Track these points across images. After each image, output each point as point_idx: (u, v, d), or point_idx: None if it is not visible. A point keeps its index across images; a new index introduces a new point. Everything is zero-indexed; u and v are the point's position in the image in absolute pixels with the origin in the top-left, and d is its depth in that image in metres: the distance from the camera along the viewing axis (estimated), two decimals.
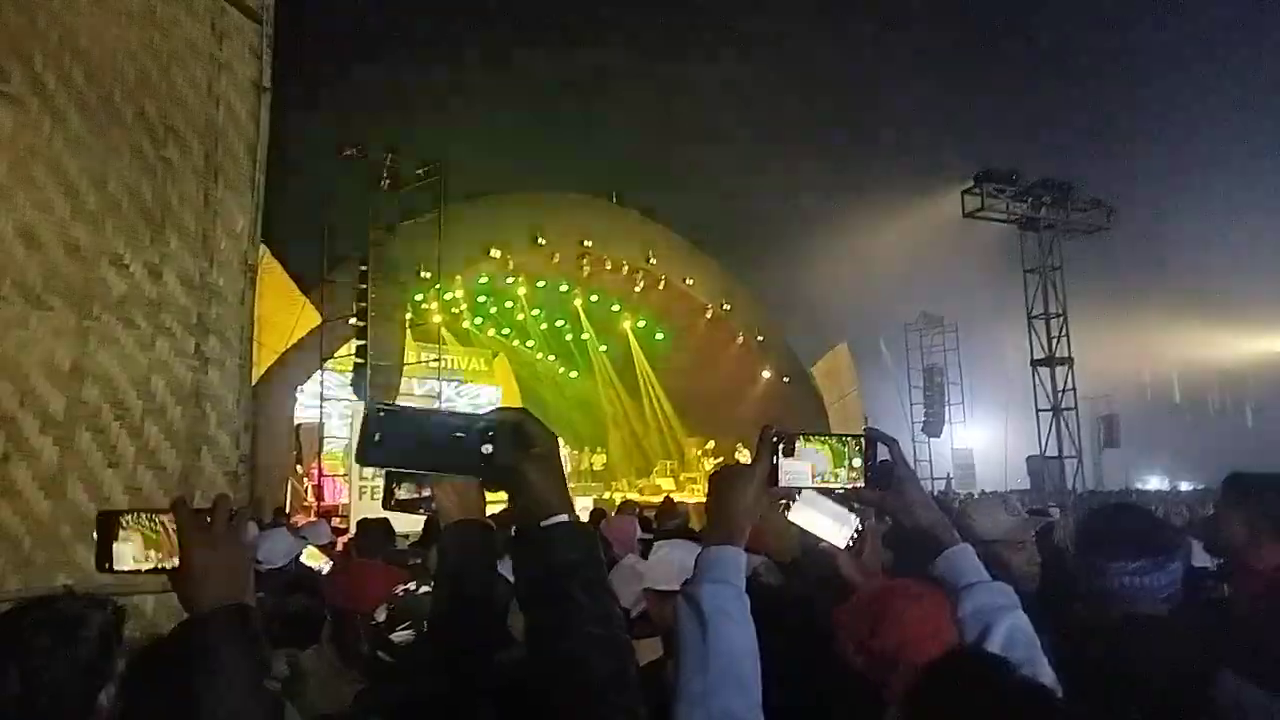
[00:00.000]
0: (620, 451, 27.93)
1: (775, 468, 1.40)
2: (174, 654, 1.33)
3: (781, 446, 1.40)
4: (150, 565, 1.27)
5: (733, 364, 25.55)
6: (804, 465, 1.40)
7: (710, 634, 1.26)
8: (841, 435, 1.43)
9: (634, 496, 20.49)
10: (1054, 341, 22.55)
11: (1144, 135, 33.45)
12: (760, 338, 25.12)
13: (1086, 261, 23.53)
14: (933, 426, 26.96)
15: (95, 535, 1.26)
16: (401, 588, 1.78)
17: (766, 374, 25.61)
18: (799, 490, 1.43)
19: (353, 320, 14.86)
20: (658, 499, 17.22)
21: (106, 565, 1.26)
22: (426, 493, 1.55)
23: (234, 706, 1.17)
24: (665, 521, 7.74)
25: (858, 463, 1.41)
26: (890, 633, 1.57)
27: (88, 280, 2.90)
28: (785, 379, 25.32)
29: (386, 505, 1.56)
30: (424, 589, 1.88)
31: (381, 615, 1.71)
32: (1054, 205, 22.88)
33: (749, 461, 1.42)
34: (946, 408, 27.28)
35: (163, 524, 1.28)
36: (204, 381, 3.11)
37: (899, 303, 27.67)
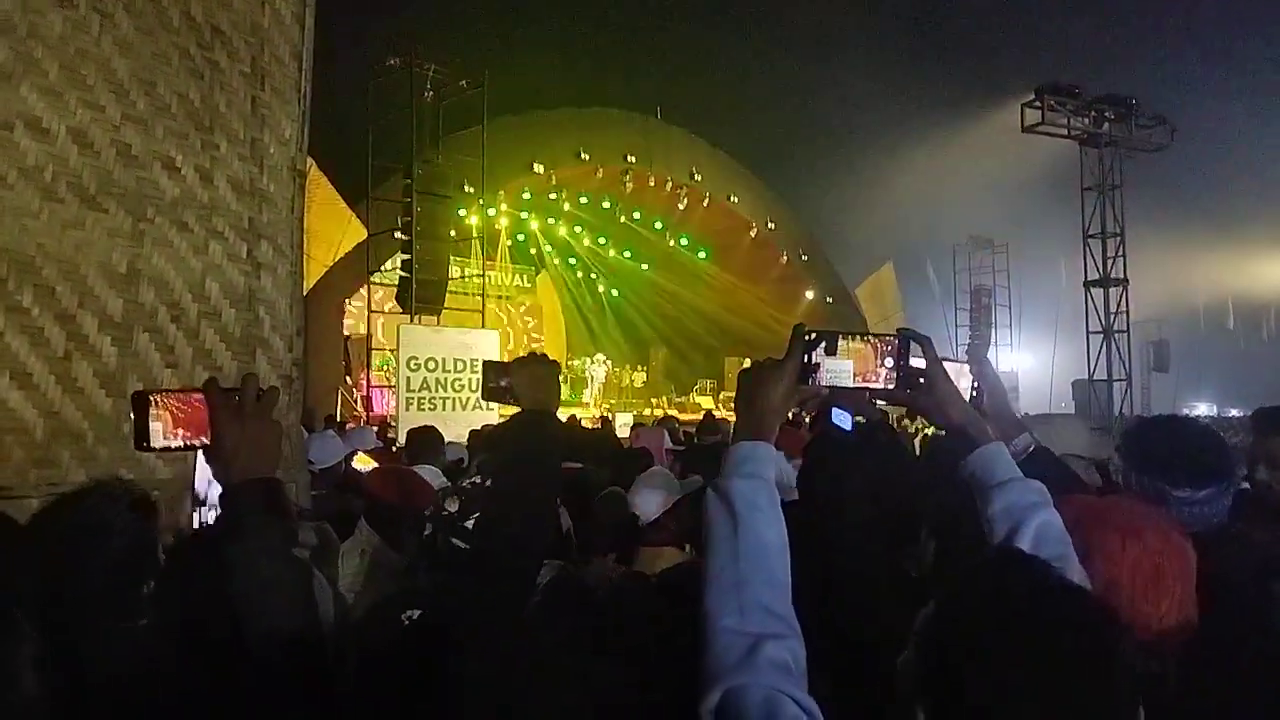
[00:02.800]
0: (661, 369, 28.06)
1: (806, 366, 1.39)
2: (209, 534, 1.38)
3: (824, 345, 1.39)
4: (182, 443, 1.31)
5: (776, 284, 25.31)
6: (845, 364, 1.39)
7: (740, 527, 1.25)
8: (876, 334, 1.42)
9: (673, 414, 20.69)
10: (1109, 262, 21.90)
11: (1209, 52, 31.64)
12: (804, 257, 24.80)
13: (1146, 181, 22.64)
14: (978, 349, 26.57)
15: (132, 414, 1.29)
16: (468, 480, 1.84)
17: (810, 294, 25.35)
18: (828, 389, 1.42)
19: (398, 234, 14.94)
20: (697, 416, 17.38)
21: (144, 444, 1.29)
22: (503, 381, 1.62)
23: (264, 574, 1.21)
24: (704, 437, 7.82)
25: (889, 363, 1.39)
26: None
27: (140, 183, 2.94)
28: (828, 299, 25.06)
29: (485, 395, 1.64)
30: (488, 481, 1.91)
31: (454, 505, 1.77)
32: (1116, 121, 21.95)
33: (778, 359, 1.40)
34: (993, 330, 26.83)
35: (195, 404, 1.32)
36: (257, 286, 3.16)
37: (948, 224, 26.97)
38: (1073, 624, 0.97)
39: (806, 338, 1.40)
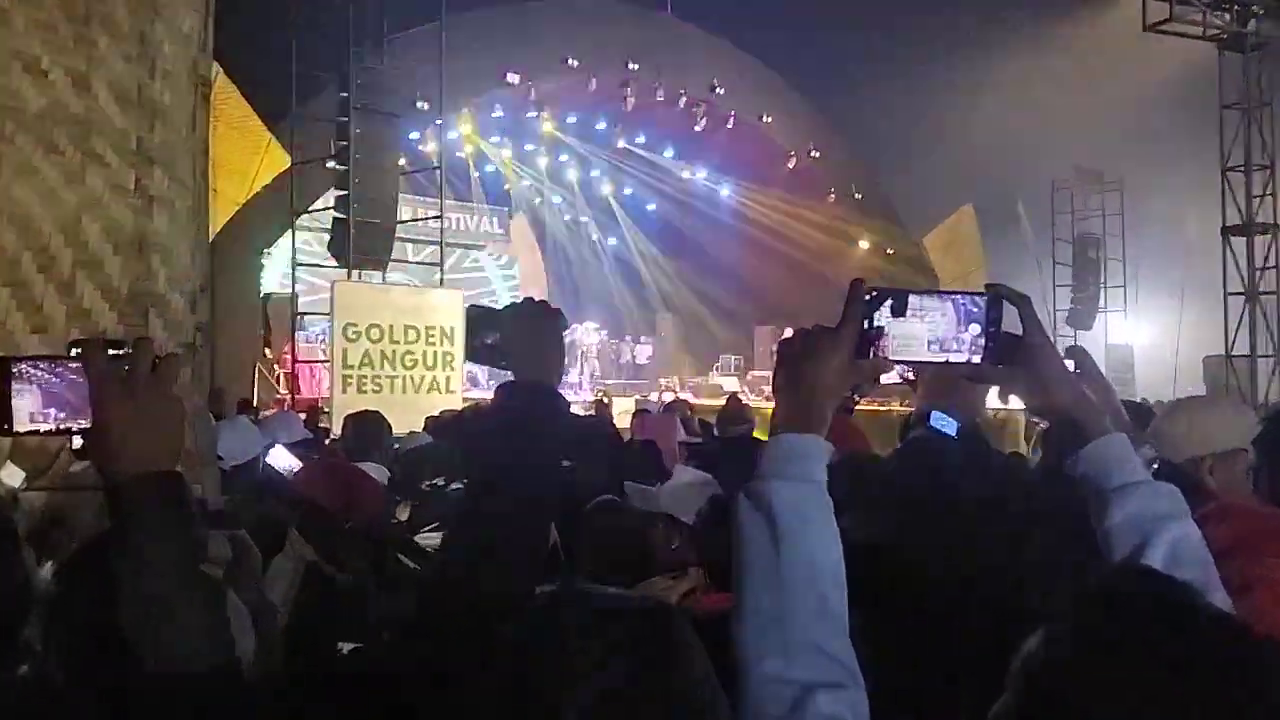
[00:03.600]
0: (672, 341, 28.10)
1: (867, 334, 1.38)
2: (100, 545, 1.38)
3: (890, 304, 1.38)
4: (54, 425, 1.28)
5: (820, 230, 25.30)
6: (917, 329, 1.38)
7: (783, 542, 1.25)
8: (957, 292, 1.41)
9: (687, 397, 20.72)
10: (1254, 203, 21.75)
11: None
12: (858, 195, 24.76)
13: None
14: (1082, 316, 26.53)
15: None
16: (428, 482, 1.84)
17: (864, 244, 25.30)
18: (898, 364, 1.42)
19: (331, 164, 14.88)
20: (718, 401, 17.34)
21: (4, 426, 1.26)
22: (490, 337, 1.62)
23: (162, 593, 1.19)
24: (729, 428, 7.80)
25: (976, 329, 1.39)
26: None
27: None
28: (889, 250, 25.03)
29: (470, 356, 1.63)
30: (456, 486, 1.93)
31: (404, 513, 1.77)
32: (1267, 18, 21.71)
33: (830, 326, 1.39)
34: (1101, 291, 26.77)
35: (71, 374, 1.29)
36: (149, 227, 3.14)
37: (1045, 154, 26.78)
38: (1234, 666, 0.94)
39: (867, 296, 1.39)
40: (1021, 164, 25.76)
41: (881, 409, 17.96)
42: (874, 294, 1.39)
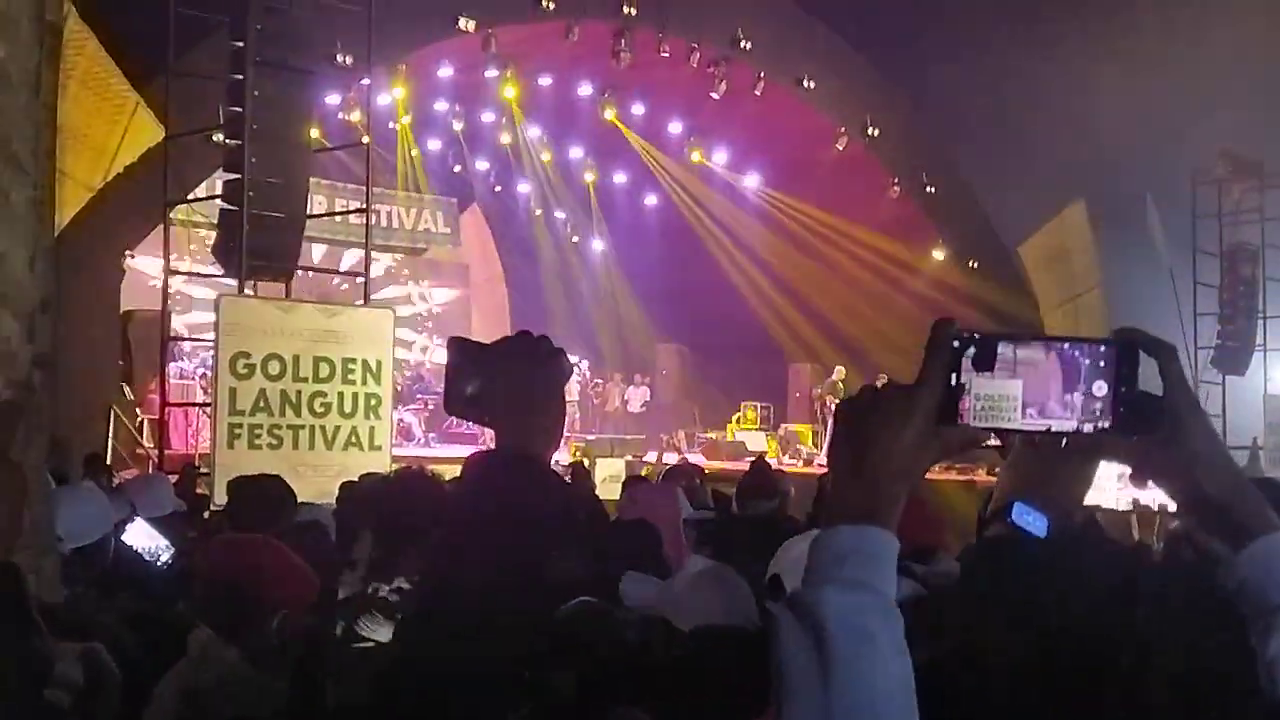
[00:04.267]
0: (676, 381, 28.18)
1: (955, 393, 1.39)
2: None
3: (972, 355, 1.39)
4: None
5: (879, 235, 25.41)
6: (1011, 386, 1.39)
7: (835, 667, 1.27)
8: (1073, 339, 1.42)
9: (696, 459, 20.69)
10: None
11: None
12: (930, 188, 24.84)
13: None
14: (1232, 356, 26.54)
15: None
16: (373, 586, 1.88)
17: (938, 254, 25.37)
18: (994, 434, 1.42)
19: (218, 138, 14.91)
20: (740, 465, 17.35)
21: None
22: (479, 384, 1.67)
23: None
24: (750, 501, 7.80)
25: (1102, 388, 1.40)
26: None
27: None
28: (971, 263, 25.07)
29: (450, 408, 1.67)
30: (401, 584, 1.94)
31: (338, 627, 1.80)
32: None
33: (906, 384, 1.40)
34: (1260, 323, 26.81)
35: None
36: None
37: (1183, 136, 26.90)
38: None
39: (956, 343, 1.40)
40: (1152, 148, 25.84)
41: (961, 477, 18.02)
42: (965, 340, 1.40)
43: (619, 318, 29.40)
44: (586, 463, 16.90)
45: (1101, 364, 1.41)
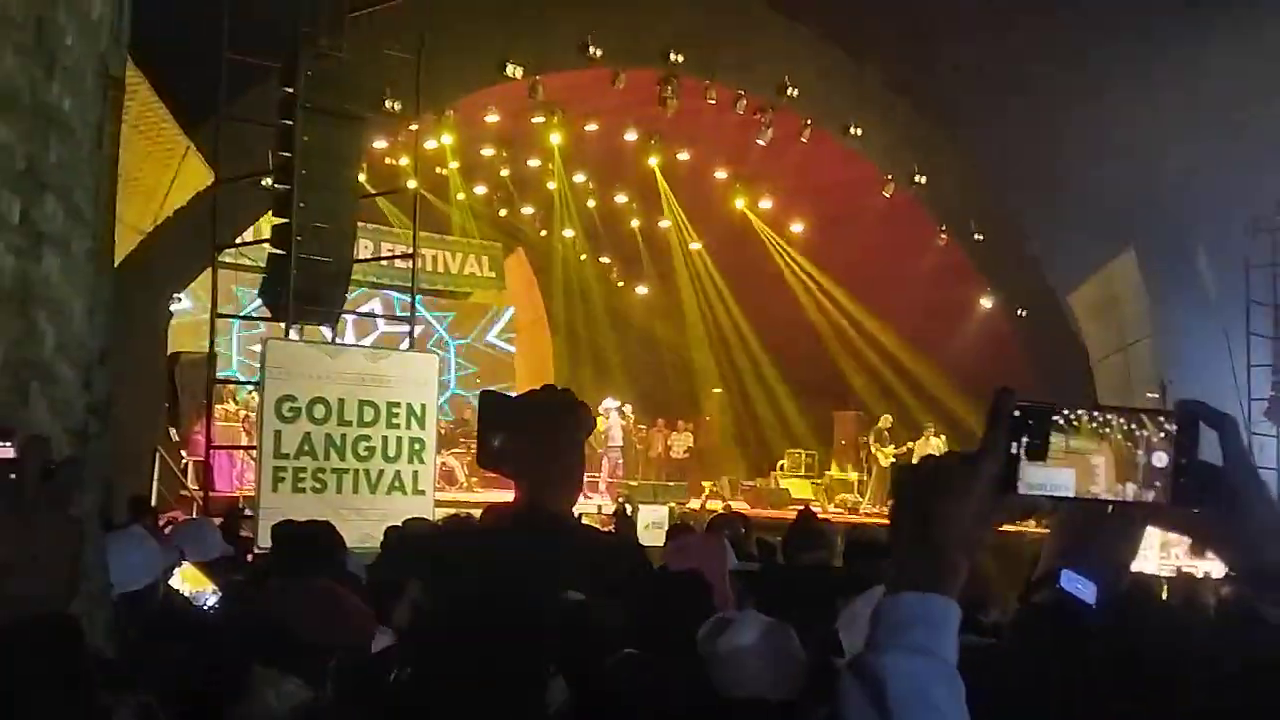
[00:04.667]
0: (720, 429, 28.10)
1: (1015, 461, 1.42)
2: None
3: (1031, 426, 1.43)
4: None
5: (927, 282, 25.28)
6: (1062, 475, 1.43)
7: None
8: (1130, 410, 1.44)
9: (741, 506, 20.63)
10: None
11: None
12: (978, 237, 24.75)
13: None
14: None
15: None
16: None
17: (987, 303, 25.24)
18: (1055, 502, 1.45)
19: (267, 182, 15.04)
20: (781, 515, 17.29)
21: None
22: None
23: None
24: (799, 554, 7.77)
25: (1162, 460, 1.43)
26: None
27: None
28: (1020, 312, 24.92)
29: (483, 462, 1.74)
30: None
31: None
32: None
33: (967, 451, 1.44)
34: None
35: None
36: (35, 274, 3.19)
37: (1237, 184, 26.66)
38: None
39: (1016, 413, 1.44)
40: (1204, 196, 25.64)
41: (1011, 531, 17.85)
42: (1023, 410, 1.44)
43: (665, 363, 29.39)
44: (629, 509, 16.86)
45: (1162, 435, 1.43)
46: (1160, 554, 17.46)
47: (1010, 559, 3.92)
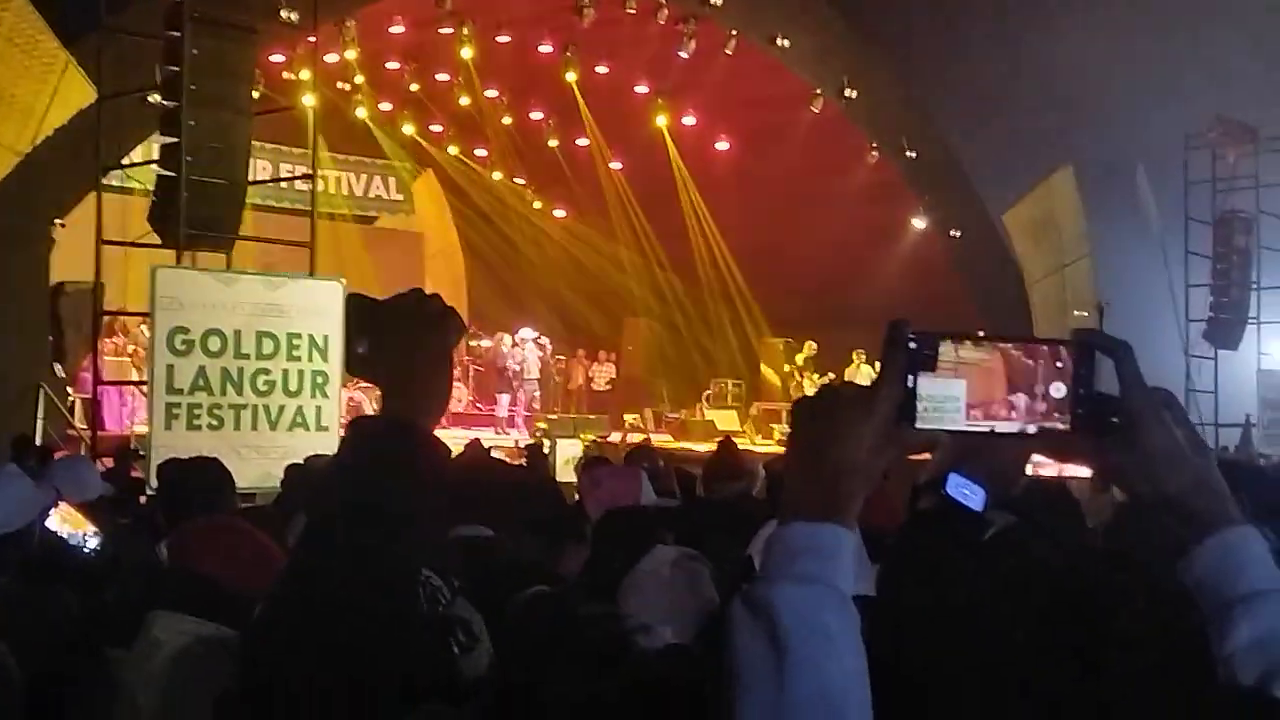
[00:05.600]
0: (645, 358, 28.16)
1: (913, 393, 1.44)
2: None
3: (922, 351, 1.45)
4: None
5: (856, 203, 25.40)
6: (954, 387, 1.45)
7: (790, 665, 1.30)
8: (1025, 340, 1.48)
9: (662, 441, 20.75)
10: None
11: None
12: (911, 153, 24.87)
13: None
14: (1225, 329, 26.62)
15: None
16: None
17: (919, 223, 25.42)
18: (945, 433, 1.46)
19: (154, 98, 14.78)
20: (707, 446, 17.39)
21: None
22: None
23: None
24: (718, 484, 7.85)
25: (1060, 390, 1.46)
26: None
27: None
28: (953, 233, 25.13)
29: (349, 367, 1.75)
30: None
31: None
32: None
33: (866, 381, 1.46)
34: (1254, 294, 26.92)
35: None
36: None
37: (1174, 99, 26.95)
38: None
39: (912, 343, 1.46)
40: (1143, 113, 25.91)
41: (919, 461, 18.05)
42: (917, 338, 1.45)
43: (584, 290, 29.31)
44: (546, 445, 16.91)
45: (1059, 365, 1.46)
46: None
47: None
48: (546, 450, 16.06)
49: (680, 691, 1.65)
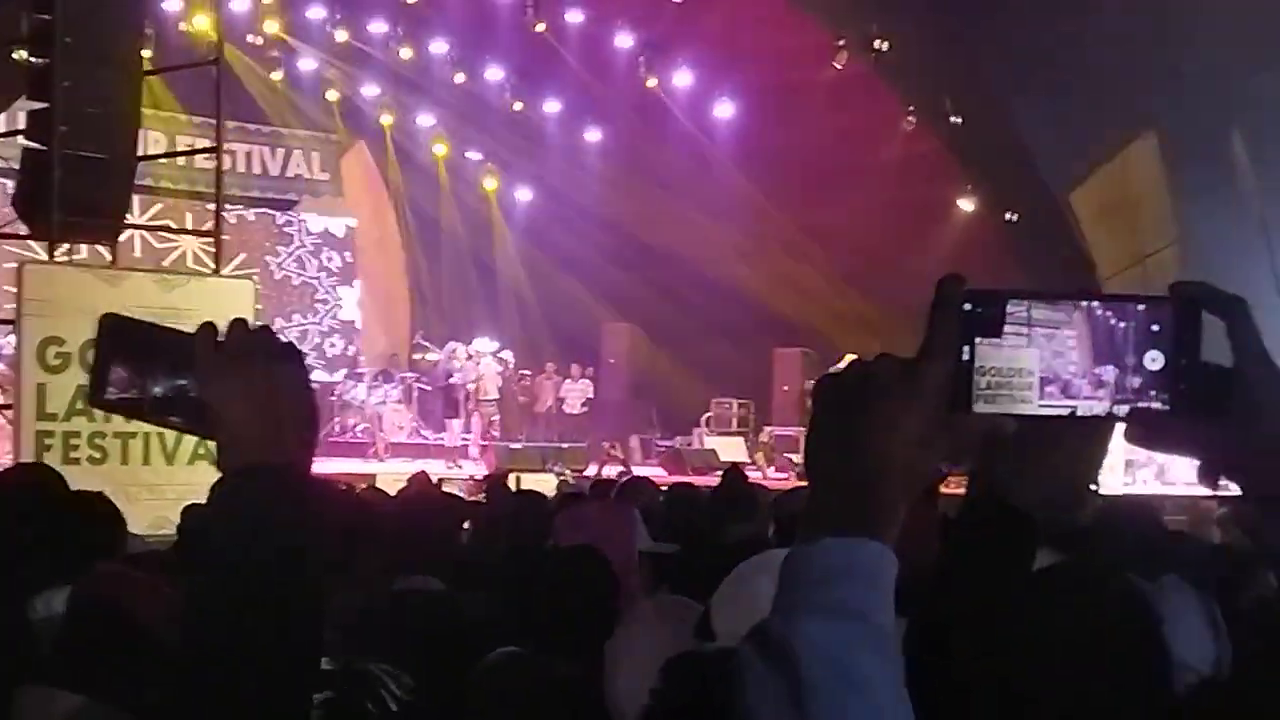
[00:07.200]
0: (630, 373, 28.30)
1: (968, 370, 1.40)
2: None
3: (980, 314, 1.41)
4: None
5: (889, 181, 25.57)
6: (1025, 357, 1.41)
7: (812, 711, 1.28)
8: (1112, 297, 1.42)
9: (650, 472, 20.76)
10: None
11: None
12: (956, 119, 25.02)
13: None
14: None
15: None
16: None
17: (966, 205, 25.57)
18: (1012, 418, 1.43)
19: (21, 54, 14.83)
20: (707, 480, 17.39)
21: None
22: (177, 383, 1.81)
23: None
24: (725, 522, 7.87)
25: (1156, 359, 1.40)
26: None
27: None
28: (1009, 215, 25.28)
29: (94, 400, 1.83)
30: None
31: None
32: None
33: (905, 357, 1.42)
34: None
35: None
36: None
37: (1276, 51, 27.26)
38: None
39: (967, 306, 1.42)
40: (1238, 69, 26.15)
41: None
42: (979, 298, 1.41)
43: (552, 291, 29.36)
44: (506, 480, 16.89)
45: (1155, 329, 1.41)
46: (1125, 476, 17.93)
47: None
48: (504, 479, 16.04)
49: None
